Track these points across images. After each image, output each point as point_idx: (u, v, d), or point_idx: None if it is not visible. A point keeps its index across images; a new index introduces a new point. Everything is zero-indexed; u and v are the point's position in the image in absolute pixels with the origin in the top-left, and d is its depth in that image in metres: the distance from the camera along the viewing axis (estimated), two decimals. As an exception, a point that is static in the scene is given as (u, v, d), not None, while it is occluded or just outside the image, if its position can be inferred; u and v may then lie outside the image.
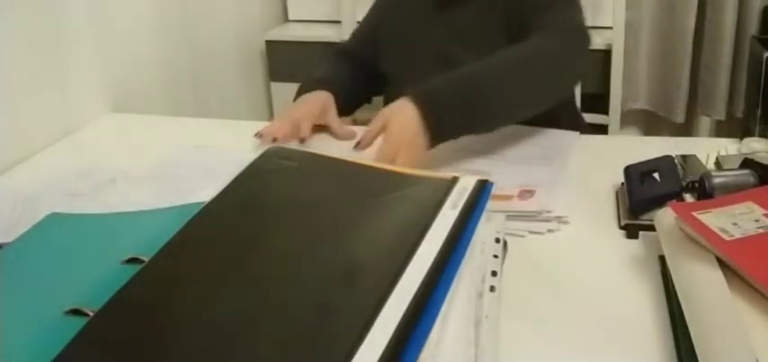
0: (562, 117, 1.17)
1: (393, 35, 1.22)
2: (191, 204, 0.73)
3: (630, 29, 2.04)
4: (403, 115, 0.90)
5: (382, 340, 0.49)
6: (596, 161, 1.00)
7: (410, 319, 0.51)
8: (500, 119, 0.97)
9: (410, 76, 1.14)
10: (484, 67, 0.97)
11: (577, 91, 1.96)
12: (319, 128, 1.12)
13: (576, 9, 1.09)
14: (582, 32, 1.06)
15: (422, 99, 0.91)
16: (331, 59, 1.28)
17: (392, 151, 0.87)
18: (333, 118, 1.11)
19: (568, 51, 1.03)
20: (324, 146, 1.06)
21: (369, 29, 1.28)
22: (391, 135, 0.89)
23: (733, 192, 0.74)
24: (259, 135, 1.06)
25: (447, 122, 0.91)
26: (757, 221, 0.66)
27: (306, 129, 1.06)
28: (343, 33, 2.09)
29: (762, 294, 0.58)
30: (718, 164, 0.91)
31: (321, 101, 1.11)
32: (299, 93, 1.16)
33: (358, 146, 0.93)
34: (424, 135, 0.89)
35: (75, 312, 0.58)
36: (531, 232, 0.80)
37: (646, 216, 0.79)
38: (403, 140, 0.88)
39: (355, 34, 1.32)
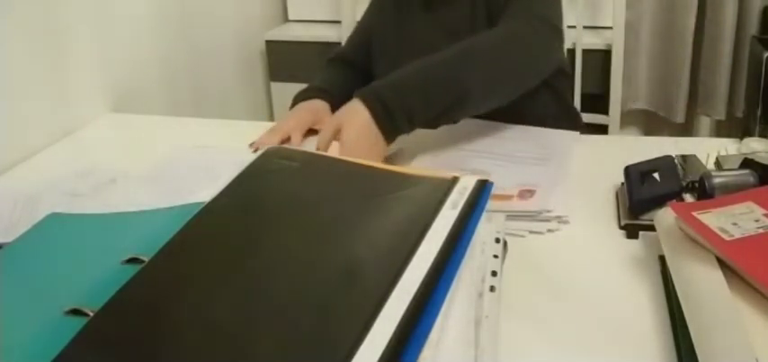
0: (561, 117, 1.18)
1: (384, 38, 1.22)
2: (191, 204, 0.73)
3: (630, 29, 2.03)
4: (356, 120, 0.90)
5: (382, 340, 0.49)
6: (596, 161, 1.00)
7: (410, 319, 0.51)
8: (457, 108, 0.95)
9: None
10: (438, 57, 0.96)
11: (577, 91, 1.96)
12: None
13: (548, 6, 1.08)
14: (548, 23, 1.04)
15: (371, 98, 0.91)
16: (325, 67, 1.28)
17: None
18: None
19: (530, 40, 1.02)
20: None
21: (362, 33, 1.29)
22: (349, 144, 0.89)
23: (733, 192, 0.74)
24: (253, 147, 1.06)
25: (399, 118, 0.91)
26: (757, 221, 0.66)
27: (296, 139, 1.06)
28: (343, 33, 2.09)
29: (762, 294, 0.58)
30: (718, 164, 0.91)
31: (313, 110, 1.12)
32: (294, 103, 1.16)
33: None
34: (380, 135, 0.90)
35: (75, 312, 0.58)
36: (531, 232, 0.80)
37: (646, 216, 0.79)
38: (362, 148, 0.88)
39: (350, 39, 1.32)
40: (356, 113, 0.91)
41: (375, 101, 0.91)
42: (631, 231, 0.79)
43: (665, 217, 0.71)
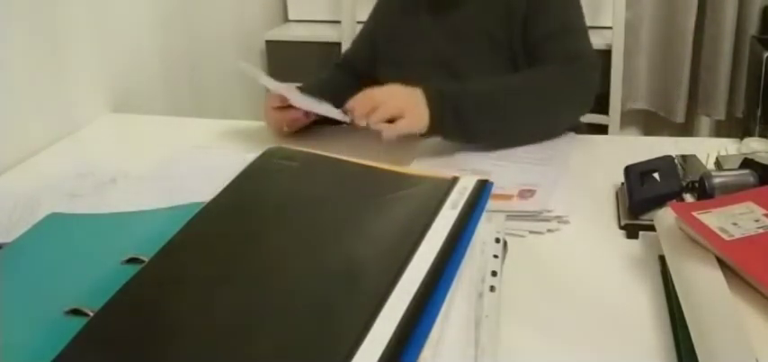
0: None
1: (389, 41, 1.22)
2: (191, 204, 0.73)
3: (630, 29, 2.03)
4: (413, 93, 0.97)
5: (382, 340, 0.49)
6: (596, 161, 1.00)
7: (410, 319, 0.51)
8: (501, 138, 1.00)
9: (407, 81, 1.15)
10: (496, 84, 1.02)
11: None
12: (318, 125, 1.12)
13: (587, 38, 1.10)
14: (595, 63, 1.07)
15: (431, 93, 0.97)
16: (330, 69, 1.28)
17: (396, 108, 0.95)
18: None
19: (582, 84, 1.06)
20: (324, 146, 1.06)
21: (366, 36, 1.28)
22: (398, 97, 0.95)
23: (733, 192, 0.74)
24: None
25: (447, 125, 0.97)
26: (757, 221, 0.66)
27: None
28: (343, 33, 2.09)
29: (762, 294, 0.58)
30: (718, 164, 0.91)
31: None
32: None
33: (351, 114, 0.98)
34: (426, 113, 0.96)
35: (75, 312, 0.58)
36: (531, 232, 0.80)
37: (646, 216, 0.79)
38: (408, 105, 0.96)
39: (354, 42, 1.31)
40: (416, 94, 0.97)
41: (434, 90, 0.97)
42: (631, 231, 0.79)
43: (665, 217, 0.71)
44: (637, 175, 0.82)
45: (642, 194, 0.80)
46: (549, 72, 1.04)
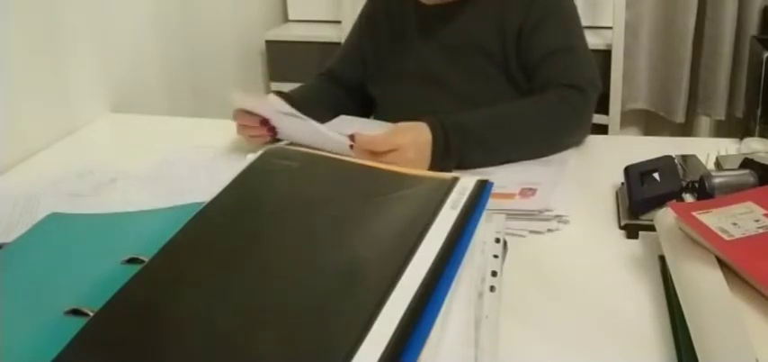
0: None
1: (381, 58, 1.20)
2: (191, 204, 0.73)
3: (630, 29, 2.03)
4: (420, 140, 0.94)
5: (382, 340, 0.49)
6: (596, 161, 1.00)
7: (410, 319, 0.51)
8: (505, 159, 0.99)
9: (398, 98, 1.14)
10: (501, 114, 1.00)
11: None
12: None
13: (588, 58, 1.08)
14: (597, 88, 1.05)
15: (437, 129, 0.94)
16: (315, 79, 1.26)
17: (404, 164, 0.90)
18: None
19: (584, 115, 1.04)
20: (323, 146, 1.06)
21: (354, 51, 1.25)
22: (407, 159, 0.91)
23: (733, 192, 0.74)
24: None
25: (452, 158, 0.95)
26: (757, 221, 0.66)
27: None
28: (343, 33, 2.09)
29: (762, 294, 0.58)
30: (718, 164, 0.91)
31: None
32: None
33: (352, 139, 0.94)
34: (428, 159, 0.94)
35: (75, 312, 0.58)
36: (531, 232, 0.80)
37: (646, 216, 0.79)
38: (416, 158, 0.92)
39: (342, 57, 1.28)
40: (423, 138, 0.94)
41: (442, 140, 0.94)
42: (631, 231, 0.79)
43: (665, 217, 0.71)
44: (637, 175, 0.82)
45: (642, 194, 0.80)
46: (551, 106, 1.01)
